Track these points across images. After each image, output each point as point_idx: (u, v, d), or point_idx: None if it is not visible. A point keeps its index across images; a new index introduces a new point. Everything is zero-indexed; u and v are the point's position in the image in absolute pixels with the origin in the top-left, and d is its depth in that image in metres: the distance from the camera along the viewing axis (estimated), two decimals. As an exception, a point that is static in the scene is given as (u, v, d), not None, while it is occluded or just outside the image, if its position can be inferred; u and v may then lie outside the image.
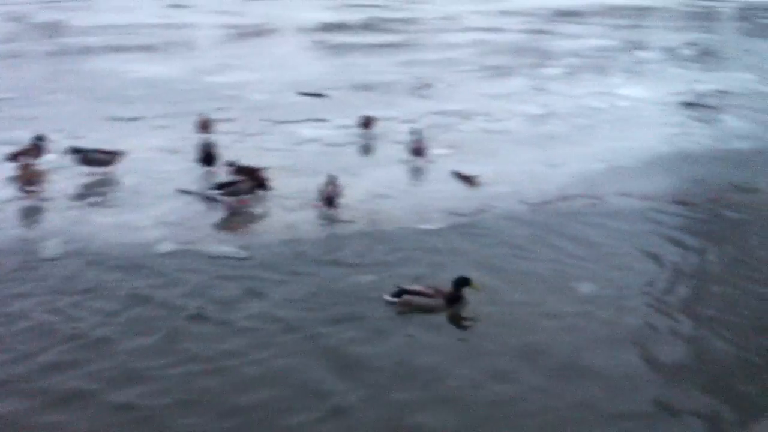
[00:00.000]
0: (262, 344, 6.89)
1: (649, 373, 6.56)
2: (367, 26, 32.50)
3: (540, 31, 30.62)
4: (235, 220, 10.07)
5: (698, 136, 14.00)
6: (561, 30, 31.15)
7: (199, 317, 7.38)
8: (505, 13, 37.83)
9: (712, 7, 42.27)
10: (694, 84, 18.67)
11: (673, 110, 16.12)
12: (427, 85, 18.93)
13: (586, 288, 8.07)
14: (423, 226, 9.79)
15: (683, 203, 10.61)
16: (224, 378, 6.40)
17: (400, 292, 7.62)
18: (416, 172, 12.23)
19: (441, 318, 7.47)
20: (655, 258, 8.84)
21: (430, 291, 7.61)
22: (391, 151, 13.12)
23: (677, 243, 9.30)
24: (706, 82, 18.97)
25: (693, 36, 28.89)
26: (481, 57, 23.73)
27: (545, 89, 18.28)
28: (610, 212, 10.33)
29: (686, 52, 24.60)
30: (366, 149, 13.52)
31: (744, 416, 6.04)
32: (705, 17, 37.70)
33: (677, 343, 7.02)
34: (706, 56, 24.07)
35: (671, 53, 24.49)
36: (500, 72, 21.05)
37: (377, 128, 14.16)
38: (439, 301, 7.55)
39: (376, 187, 11.24)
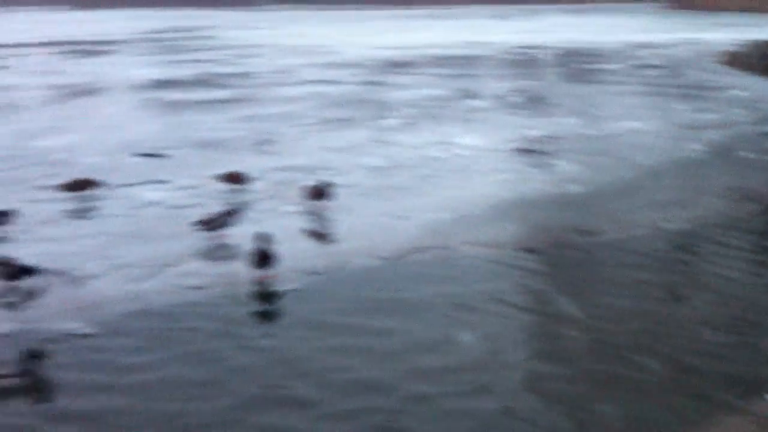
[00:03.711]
0: None
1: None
2: (200, 82, 32.03)
3: (374, 83, 31.19)
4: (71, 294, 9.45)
5: (534, 182, 14.52)
6: (393, 81, 31.85)
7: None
8: (334, 65, 38.35)
9: (532, 54, 44.62)
10: (524, 130, 19.40)
11: (508, 157, 16.68)
12: (269, 141, 18.75)
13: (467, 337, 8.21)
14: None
15: (529, 249, 10.92)
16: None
17: None
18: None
19: None
20: (527, 304, 9.06)
21: None
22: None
23: (530, 290, 9.55)
24: (535, 128, 19.77)
25: (519, 83, 30.26)
26: (320, 110, 23.83)
27: (386, 141, 18.51)
28: (464, 263, 10.48)
29: (514, 99, 25.70)
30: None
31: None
32: (527, 65, 39.65)
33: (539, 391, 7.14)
34: (533, 103, 25.19)
35: (501, 101, 25.51)
36: (340, 125, 21.18)
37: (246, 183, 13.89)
38: None
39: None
